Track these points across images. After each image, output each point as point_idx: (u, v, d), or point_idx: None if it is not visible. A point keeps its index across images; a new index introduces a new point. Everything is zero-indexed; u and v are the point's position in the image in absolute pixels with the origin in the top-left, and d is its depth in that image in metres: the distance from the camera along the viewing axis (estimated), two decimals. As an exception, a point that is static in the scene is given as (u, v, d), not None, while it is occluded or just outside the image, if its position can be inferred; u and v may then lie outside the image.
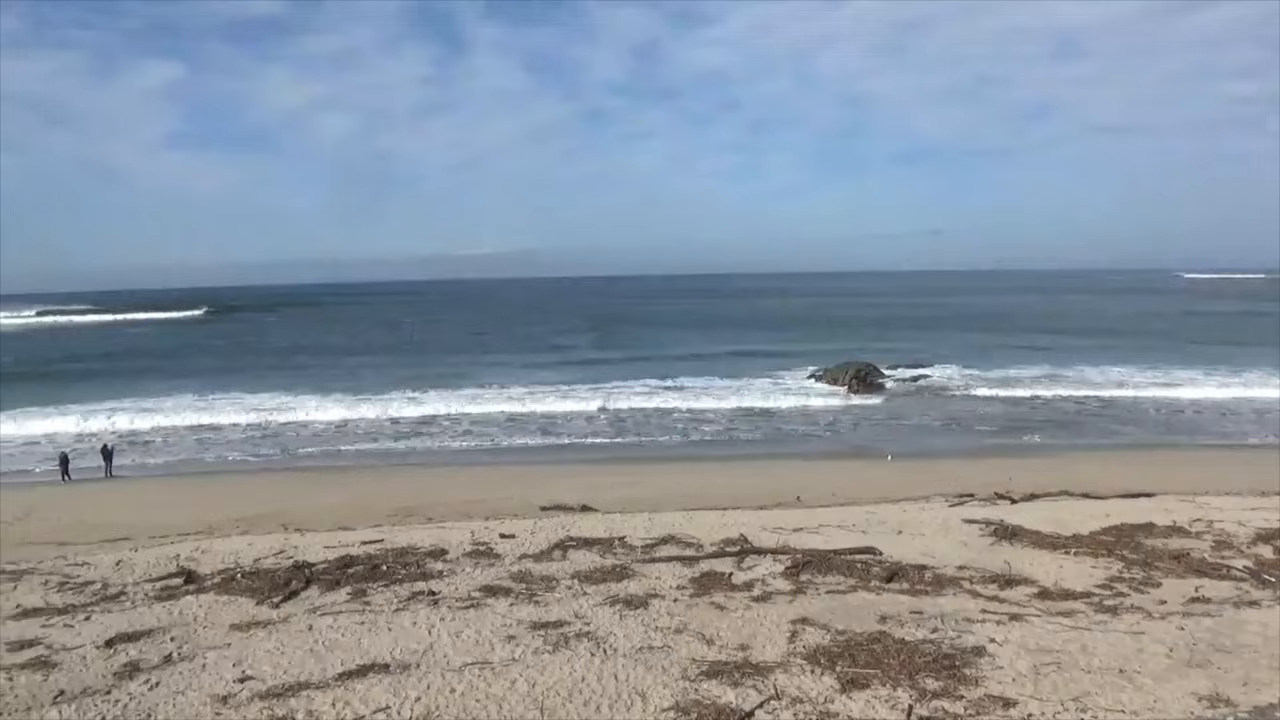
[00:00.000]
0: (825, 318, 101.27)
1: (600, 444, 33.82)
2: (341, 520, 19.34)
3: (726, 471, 26.86)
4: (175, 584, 12.22)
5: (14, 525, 20.40)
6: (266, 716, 7.13)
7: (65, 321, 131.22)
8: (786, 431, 35.66)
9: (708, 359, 58.82)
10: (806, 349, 61.64)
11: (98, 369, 61.40)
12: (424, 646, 8.76)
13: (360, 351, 71.99)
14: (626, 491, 22.58)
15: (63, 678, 8.41)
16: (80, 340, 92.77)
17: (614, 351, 66.66)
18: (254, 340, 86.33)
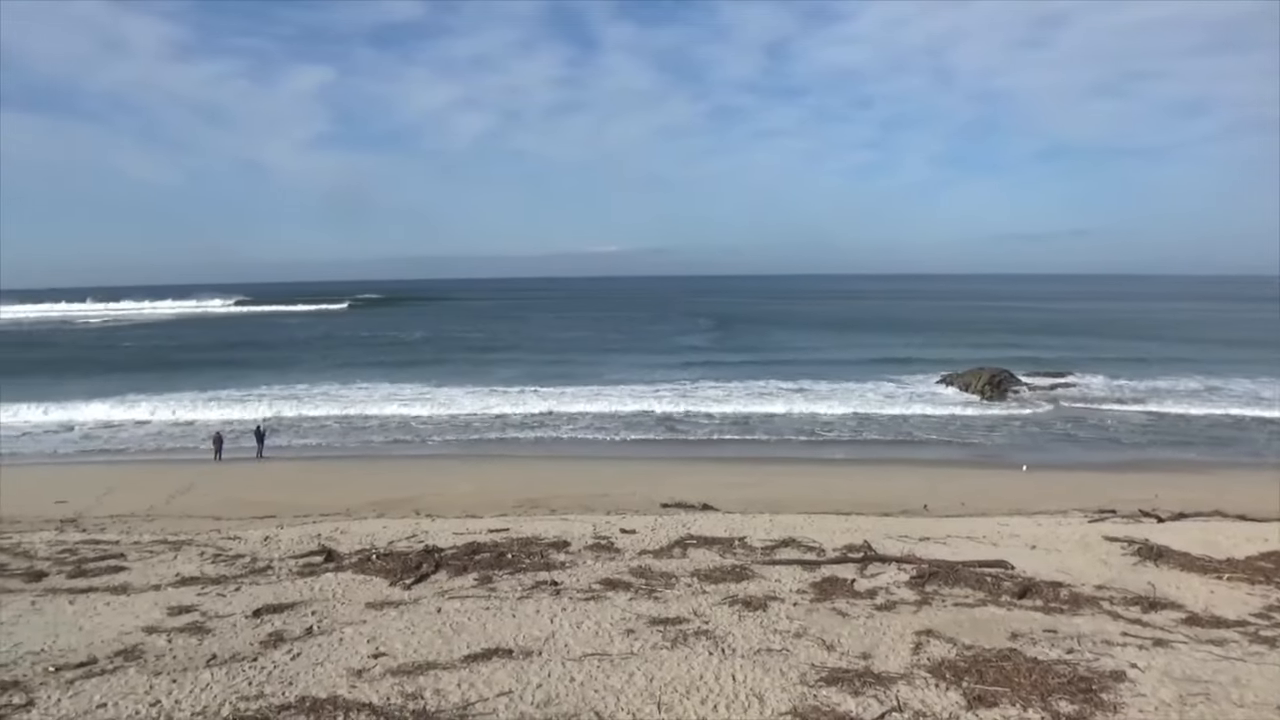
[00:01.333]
0: (957, 321, 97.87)
1: (722, 443, 33.75)
2: (469, 508, 20.01)
3: (849, 476, 26.35)
4: (316, 561, 12.92)
5: (176, 499, 22.00)
6: (397, 692, 7.43)
7: (225, 312, 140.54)
8: (913, 438, 34.66)
9: (833, 361, 57.75)
10: (937, 353, 59.79)
11: (250, 357, 65.52)
12: (546, 635, 8.96)
13: (489, 346, 74.12)
14: (747, 492, 22.47)
15: (215, 643, 9.00)
16: (234, 329, 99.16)
17: (738, 351, 66.27)
18: (393, 333, 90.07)
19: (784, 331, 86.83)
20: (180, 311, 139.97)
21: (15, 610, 10.34)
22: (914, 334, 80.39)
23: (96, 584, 11.70)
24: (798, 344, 72.46)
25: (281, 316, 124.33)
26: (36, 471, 28.54)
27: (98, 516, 20.04)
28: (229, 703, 7.30)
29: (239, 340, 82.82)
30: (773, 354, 64.04)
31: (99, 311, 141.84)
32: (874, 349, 65.72)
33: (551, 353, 66.61)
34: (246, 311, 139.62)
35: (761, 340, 76.71)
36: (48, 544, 14.92)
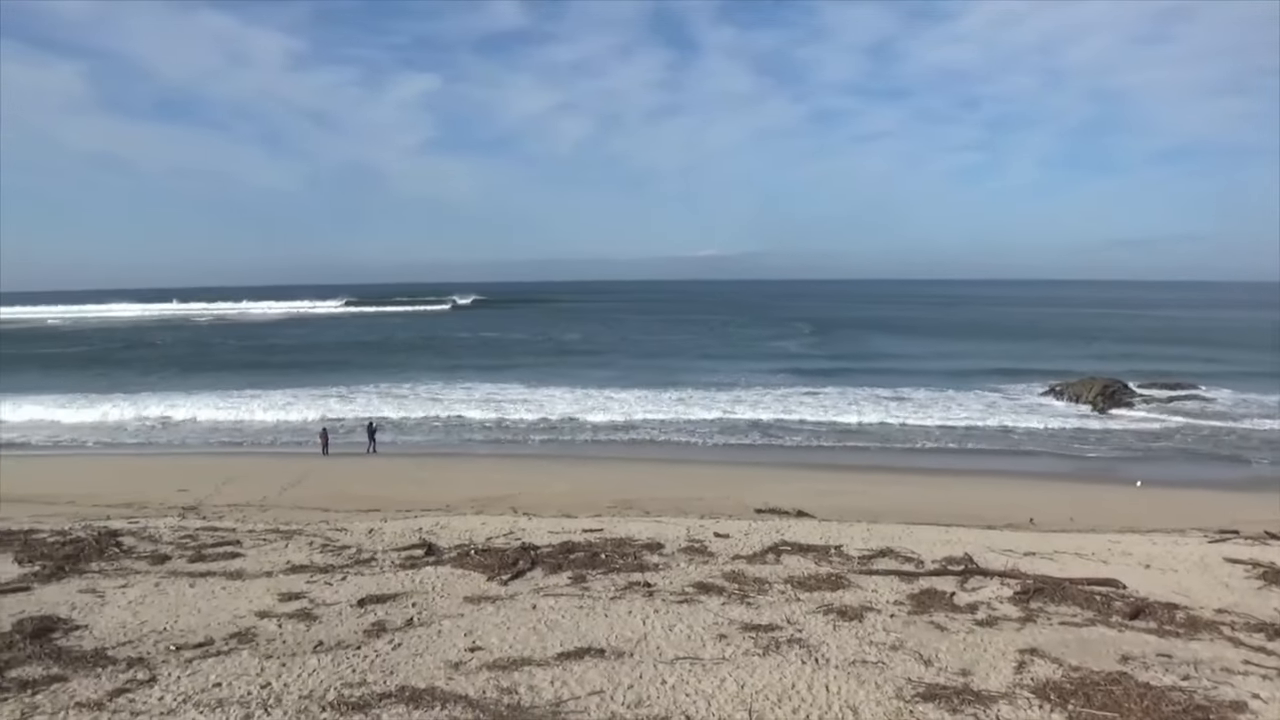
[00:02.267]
0: (1065, 329, 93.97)
1: (818, 449, 33.29)
2: (564, 508, 20.27)
3: (950, 487, 25.62)
4: (417, 554, 13.30)
5: (287, 491, 22.96)
6: (492, 686, 7.59)
7: (334, 312, 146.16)
8: (1019, 449, 33.46)
9: (933, 369, 56.21)
10: (1043, 363, 57.44)
11: (357, 356, 67.97)
12: (638, 636, 9.01)
13: (586, 348, 74.95)
14: (843, 500, 22.10)
15: (321, 630, 9.36)
16: (342, 329, 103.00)
17: (835, 358, 65.15)
18: (494, 334, 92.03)
19: (883, 338, 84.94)
20: (291, 312, 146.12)
21: (141, 590, 10.98)
22: (1018, 341, 77.54)
23: (214, 569, 12.31)
24: (897, 351, 70.77)
25: (387, 317, 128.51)
26: (161, 461, 30.21)
27: (216, 505, 21.08)
28: (334, 688, 7.58)
29: (347, 340, 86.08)
30: (871, 360, 62.75)
31: (215, 311, 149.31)
32: (977, 357, 63.65)
33: (648, 356, 66.90)
34: (355, 312, 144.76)
35: (859, 346, 75.23)
36: (171, 529, 15.78)
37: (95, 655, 8.49)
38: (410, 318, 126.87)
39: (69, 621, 9.64)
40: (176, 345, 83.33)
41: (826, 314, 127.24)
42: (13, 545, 13.66)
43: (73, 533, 14.82)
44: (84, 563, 12.57)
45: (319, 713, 7.05)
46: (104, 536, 14.32)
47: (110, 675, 7.95)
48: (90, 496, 21.85)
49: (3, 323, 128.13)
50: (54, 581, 11.53)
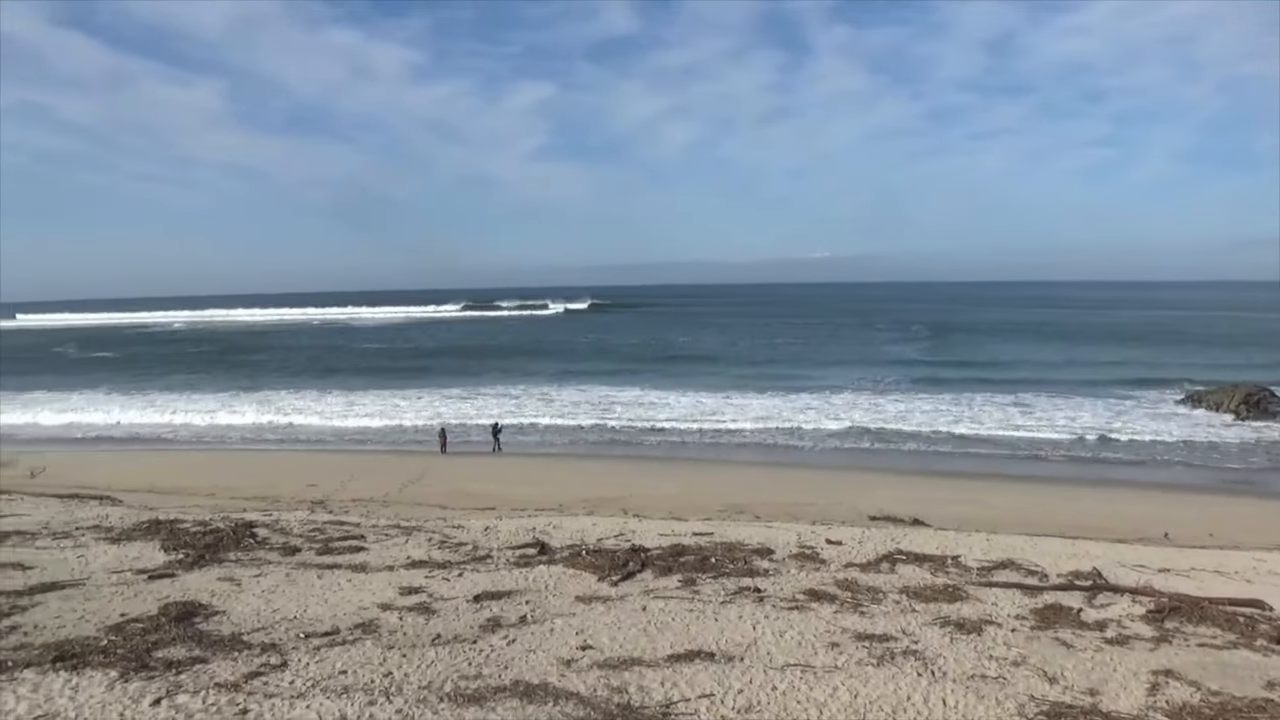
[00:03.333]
0: (1203, 333, 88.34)
1: (934, 456, 32.38)
2: (674, 510, 20.33)
3: (1076, 497, 24.48)
4: (531, 553, 13.56)
5: (408, 488, 23.81)
6: (603, 685, 7.67)
7: (453, 315, 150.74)
8: (1152, 459, 31.71)
9: (1057, 374, 53.81)
10: (1177, 370, 54.17)
11: (473, 358, 69.88)
12: (748, 641, 8.95)
13: (696, 352, 74.96)
14: (961, 509, 21.42)
15: (439, 623, 9.65)
16: (458, 332, 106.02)
17: (952, 362, 63.14)
18: (606, 337, 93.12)
19: (1003, 342, 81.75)
20: (411, 316, 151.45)
21: (274, 580, 11.57)
22: (1151, 346, 73.30)
23: (340, 561, 12.86)
24: (1018, 355, 67.96)
25: (501, 321, 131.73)
26: (292, 457, 31.76)
27: (342, 500, 22.03)
28: (450, 680, 7.81)
29: (464, 343, 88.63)
30: (990, 365, 60.54)
31: (338, 315, 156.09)
32: (1104, 362, 60.57)
33: (758, 360, 66.47)
34: (471, 316, 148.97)
35: (978, 351, 72.63)
36: (300, 522, 16.57)
37: (232, 639, 8.99)
38: (524, 321, 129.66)
39: (209, 607, 10.24)
40: (304, 348, 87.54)
41: (942, 317, 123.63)
42: (160, 534, 14.62)
43: (212, 524, 15.73)
44: (222, 552, 13.32)
45: (437, 703, 7.28)
46: (240, 528, 15.15)
47: (246, 659, 8.40)
48: (228, 490, 23.18)
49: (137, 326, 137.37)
50: (196, 569, 12.27)
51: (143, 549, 13.59)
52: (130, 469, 27.58)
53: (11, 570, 12.19)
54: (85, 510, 17.84)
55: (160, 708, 7.19)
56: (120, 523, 15.98)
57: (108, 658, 8.38)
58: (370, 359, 72.50)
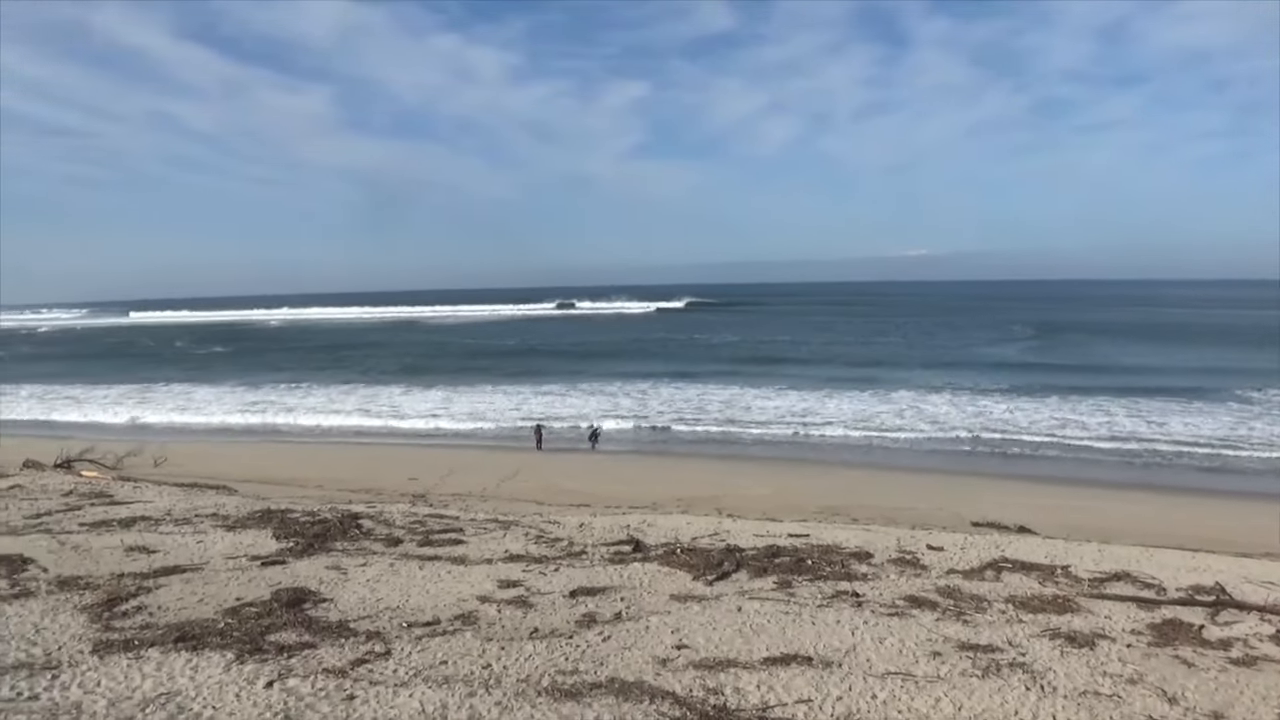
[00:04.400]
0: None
1: (1040, 460, 31.22)
2: (768, 511, 20.14)
3: (1197, 507, 23.24)
4: (625, 550, 13.62)
5: (505, 483, 24.23)
6: (698, 685, 7.64)
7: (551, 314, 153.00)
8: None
9: (1174, 378, 50.90)
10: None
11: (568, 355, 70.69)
12: (846, 647, 8.78)
13: (793, 351, 74.14)
14: (1070, 517, 20.59)
15: (536, 617, 9.78)
16: (554, 330, 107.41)
17: (1059, 365, 60.60)
18: (702, 336, 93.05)
19: (1113, 343, 78.00)
20: (510, 314, 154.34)
21: (378, 570, 11.92)
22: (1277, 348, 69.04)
23: (440, 553, 13.16)
24: (1130, 357, 64.68)
25: (598, 319, 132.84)
26: (394, 451, 32.72)
27: (441, 494, 22.57)
28: (548, 674, 7.90)
29: (560, 341, 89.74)
30: (1099, 367, 57.91)
31: (438, 314, 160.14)
32: (1225, 366, 57.14)
33: (855, 359, 65.32)
34: (568, 314, 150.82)
35: (1085, 352, 69.51)
36: (402, 514, 17.04)
37: (339, 626, 9.29)
38: (619, 320, 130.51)
39: (317, 594, 10.61)
40: (404, 344, 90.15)
41: (1048, 316, 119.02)
42: (271, 523, 15.24)
43: (320, 514, 16.32)
44: (330, 541, 13.80)
45: (535, 697, 7.37)
46: (346, 519, 15.67)
47: (352, 646, 8.67)
48: (334, 481, 24.02)
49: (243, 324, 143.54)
50: (305, 557, 12.74)
51: (256, 537, 14.19)
52: (243, 460, 28.88)
53: (138, 553, 12.90)
54: (203, 499, 18.75)
55: (273, 690, 7.48)
56: (235, 511, 16.74)
57: (225, 640, 8.77)
58: (468, 356, 74.13)
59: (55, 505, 17.24)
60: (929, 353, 71.03)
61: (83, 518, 15.96)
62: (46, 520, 15.71)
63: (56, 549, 13.12)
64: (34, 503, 17.47)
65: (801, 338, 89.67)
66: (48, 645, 8.71)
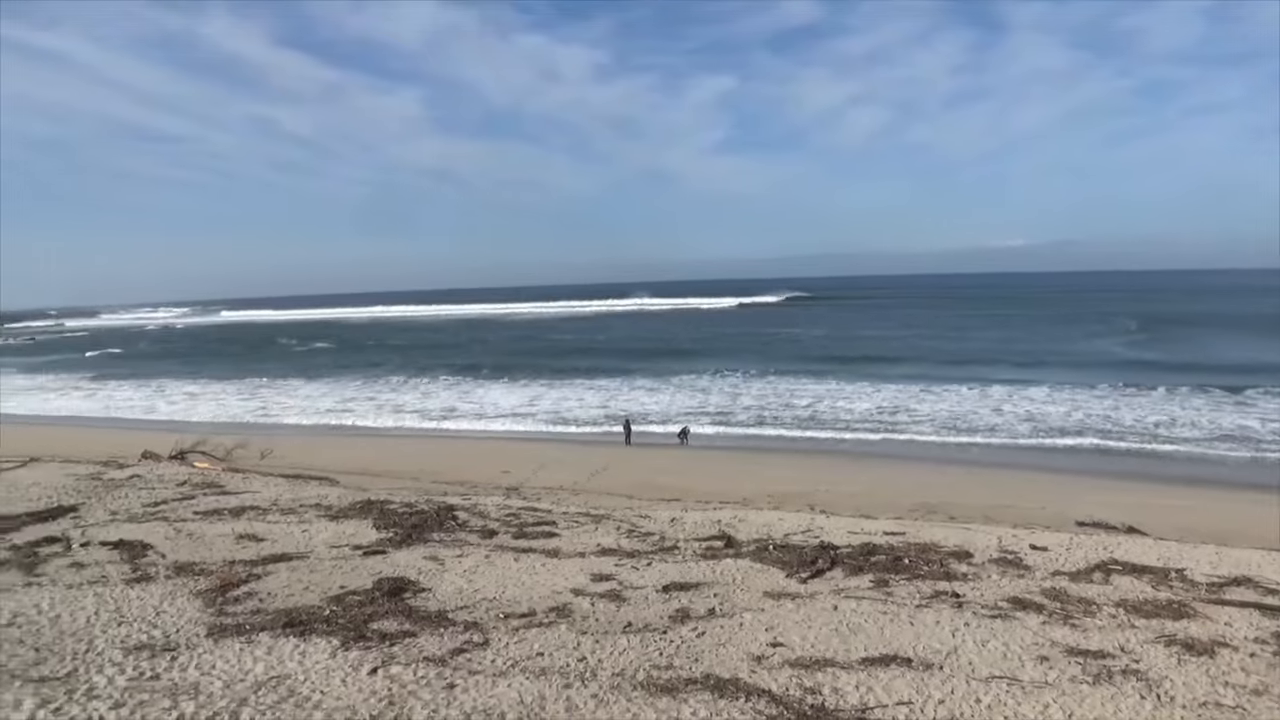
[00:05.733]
0: None
1: (1150, 457, 29.85)
2: (862, 508, 19.78)
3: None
4: (717, 546, 13.56)
5: (595, 477, 24.43)
6: (795, 684, 7.54)
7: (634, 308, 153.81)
8: None
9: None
10: None
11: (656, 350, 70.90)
12: (947, 649, 8.55)
13: (883, 346, 72.68)
14: (1185, 517, 19.64)
15: (630, 611, 9.81)
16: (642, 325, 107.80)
17: (1168, 358, 57.73)
18: (791, 330, 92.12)
19: (1226, 335, 73.39)
20: (596, 309, 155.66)
21: (474, 561, 12.14)
22: None
23: (534, 546, 13.34)
24: (1244, 351, 60.72)
25: (683, 314, 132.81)
26: (487, 444, 33.34)
27: (533, 487, 22.88)
28: (643, 669, 7.91)
29: (649, 335, 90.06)
30: (1211, 361, 54.73)
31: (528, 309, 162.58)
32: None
33: (949, 353, 63.63)
34: (657, 309, 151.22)
35: (1196, 346, 65.77)
36: (496, 507, 17.33)
37: (438, 616, 9.49)
38: (702, 314, 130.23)
39: (416, 584, 10.87)
40: (496, 340, 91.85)
41: (1154, 308, 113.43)
42: (372, 513, 15.69)
43: (417, 505, 16.72)
44: (427, 532, 14.13)
45: (630, 691, 7.39)
46: (443, 510, 16.01)
47: (450, 635, 8.85)
48: (430, 473, 24.60)
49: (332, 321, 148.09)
50: (404, 547, 13.08)
51: (357, 527, 14.63)
52: (344, 452, 29.83)
53: (248, 541, 13.44)
54: (307, 489, 19.43)
55: (376, 677, 7.68)
56: (338, 502, 17.28)
57: (330, 626, 9.05)
58: (556, 351, 74.99)
59: (171, 494, 18.12)
60: (1027, 346, 68.64)
61: (196, 506, 16.72)
62: (163, 508, 16.52)
63: (173, 536, 13.78)
64: (151, 491, 18.40)
65: (893, 332, 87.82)
66: (166, 628, 9.15)
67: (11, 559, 12.25)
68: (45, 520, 15.16)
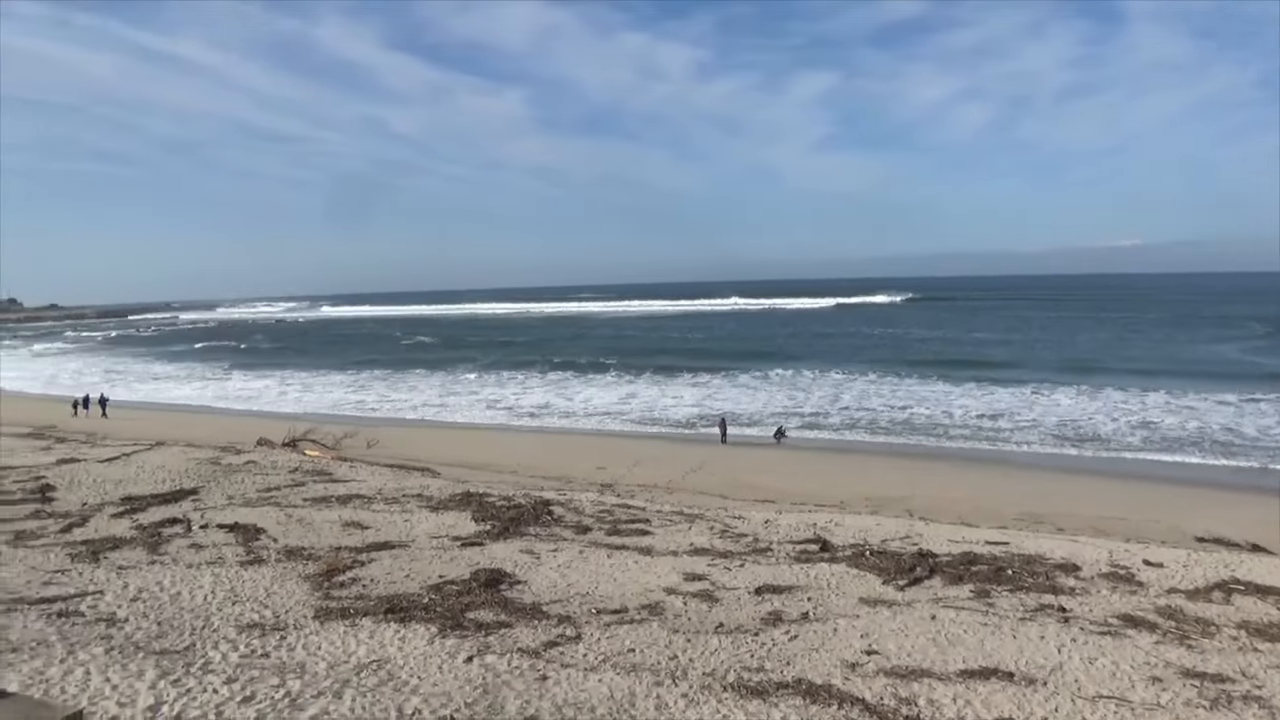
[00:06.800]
0: None
1: (1274, 472, 28.04)
2: (964, 515, 19.22)
3: None
4: (812, 549, 13.40)
5: (690, 476, 24.38)
6: (890, 694, 7.39)
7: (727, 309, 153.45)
8: None
9: None
10: None
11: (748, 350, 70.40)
12: (1052, 665, 8.24)
13: (989, 350, 70.44)
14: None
15: (721, 612, 9.78)
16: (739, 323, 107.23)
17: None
18: (893, 331, 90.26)
19: (1373, 341, 68.85)
20: (698, 307, 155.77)
21: (568, 556, 12.30)
22: None
23: (628, 543, 13.43)
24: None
25: (783, 314, 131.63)
26: (583, 440, 33.67)
27: (628, 484, 22.99)
28: (734, 670, 7.88)
29: (749, 334, 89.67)
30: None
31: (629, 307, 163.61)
32: None
33: (1061, 356, 61.14)
34: (757, 308, 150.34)
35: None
36: (591, 503, 17.51)
37: (533, 608, 9.66)
38: (797, 314, 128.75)
39: (512, 576, 11.09)
40: (593, 337, 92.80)
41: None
42: (470, 506, 16.07)
43: (515, 499, 17.04)
44: (523, 526, 14.40)
45: (720, 692, 7.37)
46: (539, 505, 16.29)
47: (544, 628, 8.99)
48: (527, 467, 24.99)
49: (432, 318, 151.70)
50: (501, 539, 13.35)
51: (457, 518, 15.00)
52: (444, 444, 30.58)
53: (353, 529, 13.94)
54: (410, 480, 20.02)
55: (472, 665, 7.87)
56: (438, 493, 17.76)
57: (429, 614, 9.31)
58: (653, 349, 75.19)
59: (283, 481, 18.94)
60: (1143, 350, 65.37)
61: (306, 493, 17.44)
62: (275, 494, 17.29)
63: (284, 521, 14.41)
64: (265, 477, 19.27)
65: (999, 334, 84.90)
66: (276, 609, 9.56)
67: (138, 537, 13.03)
68: (169, 502, 16.07)
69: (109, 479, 18.52)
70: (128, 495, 16.58)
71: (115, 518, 14.61)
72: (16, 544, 12.51)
